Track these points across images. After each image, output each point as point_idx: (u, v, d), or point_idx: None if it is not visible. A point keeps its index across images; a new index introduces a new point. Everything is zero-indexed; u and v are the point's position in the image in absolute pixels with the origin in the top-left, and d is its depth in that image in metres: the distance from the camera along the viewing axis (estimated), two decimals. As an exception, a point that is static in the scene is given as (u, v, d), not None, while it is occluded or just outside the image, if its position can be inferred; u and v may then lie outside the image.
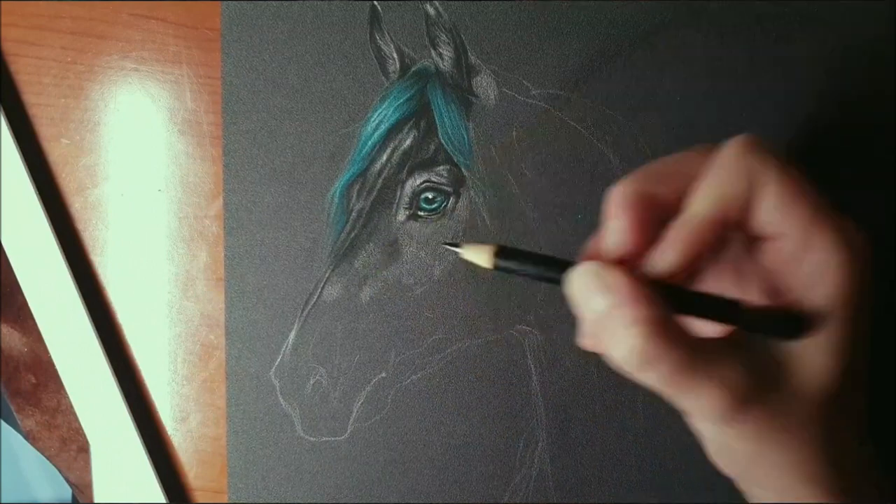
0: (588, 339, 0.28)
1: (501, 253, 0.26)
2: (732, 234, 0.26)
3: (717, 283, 0.28)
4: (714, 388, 0.23)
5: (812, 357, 0.24)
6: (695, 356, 0.23)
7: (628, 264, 0.25)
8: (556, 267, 0.25)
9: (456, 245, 0.27)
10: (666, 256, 0.25)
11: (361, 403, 0.37)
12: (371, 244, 0.36)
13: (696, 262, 0.25)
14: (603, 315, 0.24)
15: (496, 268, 0.26)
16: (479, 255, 0.26)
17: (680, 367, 0.23)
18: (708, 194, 0.25)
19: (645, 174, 0.26)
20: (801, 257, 0.25)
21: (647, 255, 0.25)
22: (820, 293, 0.24)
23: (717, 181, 0.25)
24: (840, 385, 0.24)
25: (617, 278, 0.24)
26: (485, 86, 0.35)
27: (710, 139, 0.35)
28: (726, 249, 0.28)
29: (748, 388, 0.24)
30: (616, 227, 0.25)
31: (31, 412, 0.39)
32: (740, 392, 0.23)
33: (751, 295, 0.27)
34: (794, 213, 0.24)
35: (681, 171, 0.26)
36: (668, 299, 0.24)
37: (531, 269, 0.26)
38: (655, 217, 0.25)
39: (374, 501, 0.38)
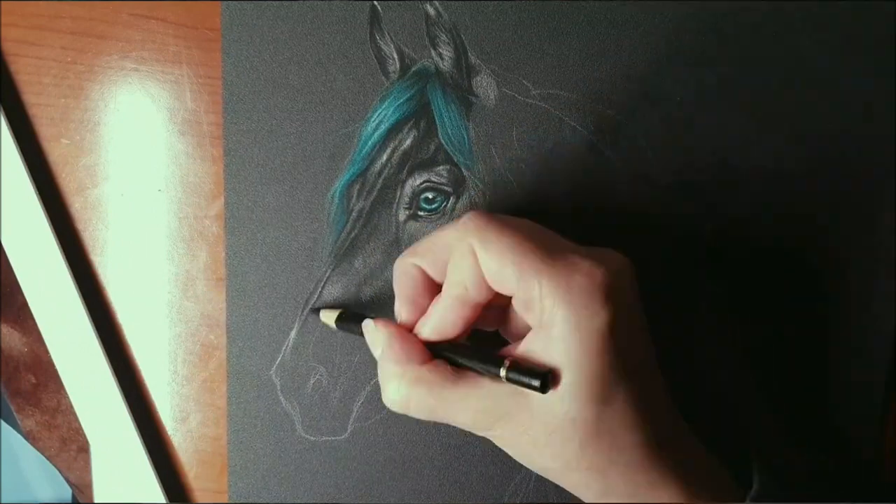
0: None
1: (340, 317, 0.34)
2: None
3: (511, 330, 0.32)
4: (459, 419, 0.29)
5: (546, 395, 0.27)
6: (438, 400, 0.29)
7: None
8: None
9: (317, 311, 0.36)
10: (425, 327, 0.30)
11: (362, 403, 0.37)
12: (371, 244, 0.36)
13: (464, 328, 0.30)
14: (378, 362, 0.31)
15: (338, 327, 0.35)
16: (329, 318, 0.35)
17: (426, 408, 0.29)
18: (447, 281, 0.29)
19: (413, 251, 0.31)
20: (528, 308, 0.28)
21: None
22: (553, 349, 0.27)
23: (452, 266, 0.29)
24: (585, 405, 0.27)
25: (384, 337, 0.30)
26: (485, 86, 0.35)
27: (711, 139, 0.36)
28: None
29: (486, 418, 0.28)
30: (398, 299, 0.31)
31: (31, 412, 0.39)
32: (479, 421, 0.29)
33: None
34: (506, 276, 0.28)
35: (440, 246, 0.30)
36: (441, 354, 0.30)
37: (356, 331, 0.33)
38: (429, 287, 0.31)
39: (374, 501, 0.38)
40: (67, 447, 0.39)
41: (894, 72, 0.35)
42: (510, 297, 0.29)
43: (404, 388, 0.29)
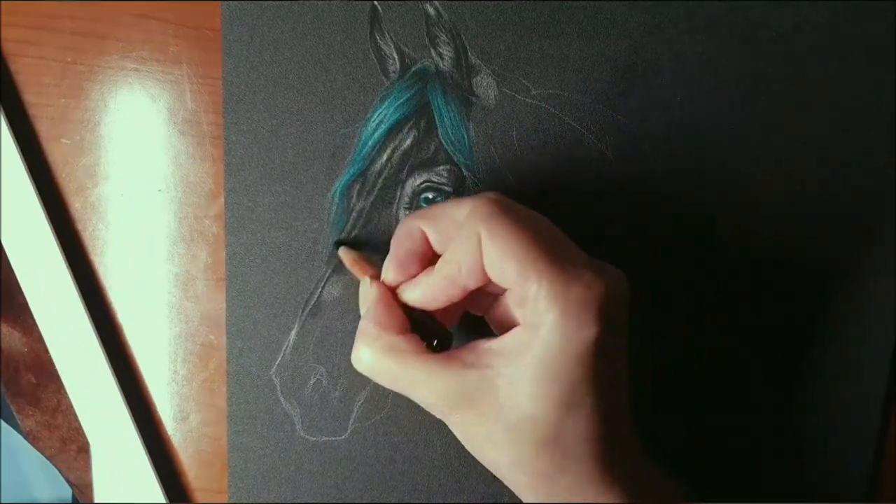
0: None
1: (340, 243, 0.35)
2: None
3: (497, 319, 0.32)
4: (421, 395, 0.29)
5: (513, 387, 0.27)
6: (404, 370, 0.29)
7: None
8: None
9: (339, 244, 0.36)
10: (411, 294, 0.30)
11: (362, 403, 0.37)
12: (371, 244, 0.36)
13: (445, 304, 0.30)
14: (361, 321, 0.30)
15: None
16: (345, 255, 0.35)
17: (391, 377, 0.29)
18: (444, 259, 0.29)
19: (422, 214, 0.31)
20: (520, 305, 0.28)
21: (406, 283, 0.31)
22: (535, 349, 0.27)
23: (453, 246, 0.29)
24: (553, 416, 0.27)
25: (373, 297, 0.30)
26: (485, 86, 0.35)
27: (711, 139, 0.36)
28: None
29: (447, 399, 0.28)
30: (390, 252, 0.31)
31: (31, 412, 0.39)
32: (440, 400, 0.28)
33: None
34: (505, 270, 0.27)
35: (450, 217, 0.30)
36: (413, 318, 0.30)
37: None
38: (424, 252, 0.31)
39: (374, 501, 0.38)
40: (67, 447, 0.39)
41: (894, 71, 0.35)
42: (502, 288, 0.29)
43: (375, 351, 0.29)
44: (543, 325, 0.27)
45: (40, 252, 0.36)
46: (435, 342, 0.29)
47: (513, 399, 0.27)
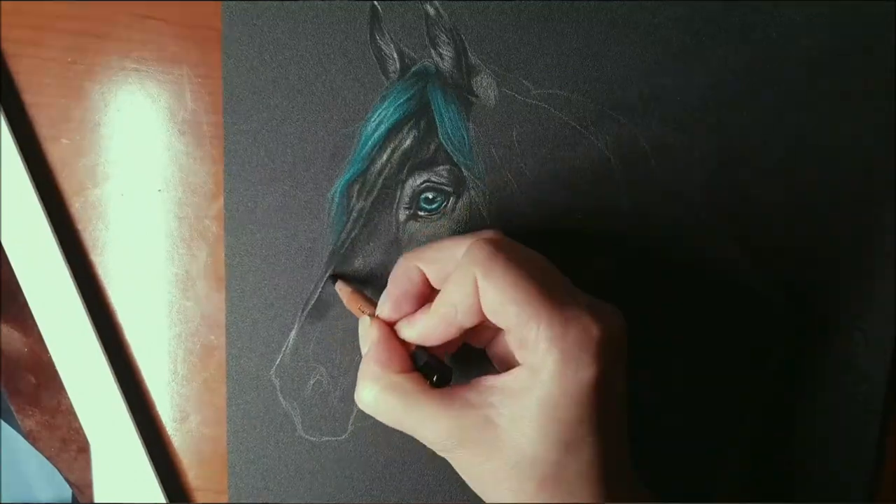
0: None
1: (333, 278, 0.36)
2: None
3: (497, 353, 0.33)
4: (423, 435, 0.29)
5: (515, 427, 0.28)
6: (406, 411, 0.29)
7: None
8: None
9: (335, 278, 0.36)
10: (409, 332, 0.31)
11: (361, 403, 0.37)
12: (371, 244, 0.36)
13: (442, 341, 0.30)
14: (362, 360, 0.31)
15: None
16: (342, 290, 0.35)
17: (394, 417, 0.30)
18: (439, 300, 0.30)
19: (420, 255, 0.31)
20: (521, 346, 0.28)
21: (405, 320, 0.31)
22: (537, 389, 0.27)
23: (449, 287, 0.29)
24: (554, 454, 0.27)
25: (374, 336, 0.31)
26: (485, 86, 0.35)
27: (711, 139, 0.35)
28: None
29: (449, 440, 0.29)
30: (386, 290, 0.31)
31: (31, 412, 0.39)
32: (442, 441, 0.29)
33: None
34: (505, 313, 0.28)
35: (448, 256, 0.30)
36: (413, 356, 0.30)
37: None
38: (421, 290, 0.31)
39: (374, 501, 0.38)
40: (67, 447, 0.39)
41: (894, 71, 0.35)
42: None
43: (378, 392, 0.30)
44: (544, 368, 0.27)
45: (40, 252, 0.36)
46: (435, 378, 0.30)
47: (514, 439, 0.28)
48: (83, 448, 0.38)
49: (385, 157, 0.36)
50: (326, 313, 0.37)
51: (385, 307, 0.31)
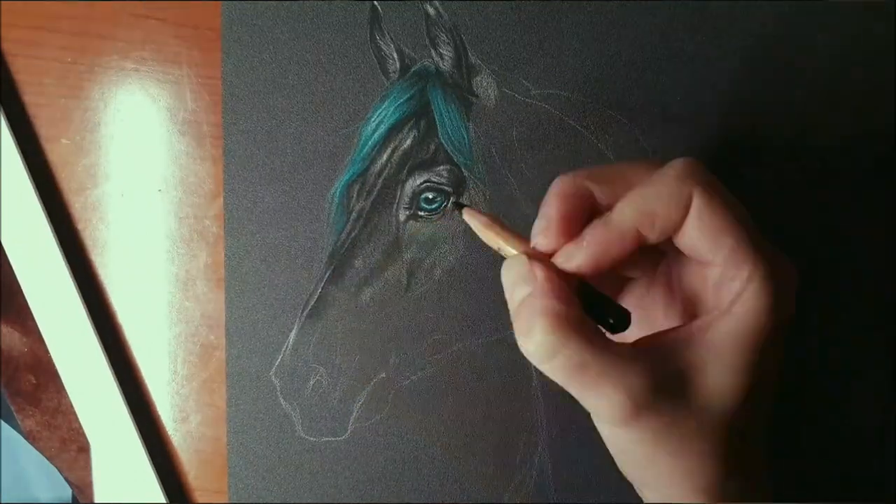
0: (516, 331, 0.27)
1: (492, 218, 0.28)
2: (664, 249, 0.27)
3: (646, 296, 0.29)
4: (612, 388, 0.24)
5: (716, 376, 0.25)
6: (595, 356, 0.24)
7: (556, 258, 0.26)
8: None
9: (461, 206, 0.29)
10: (575, 259, 0.25)
11: (361, 403, 0.37)
12: (371, 244, 0.36)
13: (610, 265, 0.25)
14: (520, 304, 0.25)
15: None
16: (472, 220, 0.28)
17: (579, 363, 0.24)
18: (631, 206, 0.25)
19: (588, 172, 0.27)
20: (720, 285, 0.25)
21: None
22: (730, 323, 0.25)
23: (645, 196, 0.25)
24: (740, 405, 0.25)
25: (538, 271, 0.25)
26: (485, 86, 0.35)
27: (711, 139, 0.35)
28: (661, 264, 0.29)
29: (645, 394, 0.24)
30: (545, 213, 0.26)
31: (31, 412, 0.39)
32: (637, 396, 0.24)
33: (674, 311, 0.29)
34: (719, 243, 0.25)
35: (624, 177, 0.26)
36: (579, 296, 0.25)
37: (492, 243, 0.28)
38: (586, 214, 0.26)
39: (374, 501, 0.38)
40: (67, 447, 0.39)
41: (895, 70, 0.35)
42: (663, 249, 0.27)
43: (562, 331, 0.24)
44: (757, 307, 0.24)
45: (40, 252, 0.36)
46: (611, 321, 0.25)
47: (718, 390, 0.24)
48: (83, 448, 0.38)
49: (385, 157, 0.36)
50: (326, 313, 0.37)
51: (549, 233, 0.26)
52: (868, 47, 0.35)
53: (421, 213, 0.36)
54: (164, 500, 0.38)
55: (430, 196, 0.36)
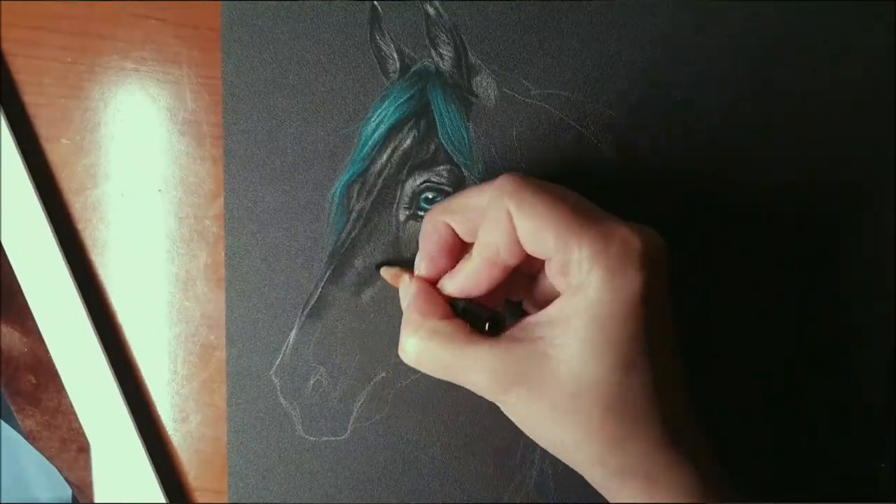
0: None
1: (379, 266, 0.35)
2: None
3: (537, 299, 0.32)
4: (476, 376, 0.28)
5: (572, 349, 0.27)
6: (455, 355, 0.28)
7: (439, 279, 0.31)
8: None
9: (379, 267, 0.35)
10: (453, 284, 0.30)
11: (361, 403, 0.37)
12: (371, 244, 0.36)
13: (489, 288, 0.30)
14: (403, 315, 0.30)
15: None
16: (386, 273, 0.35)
17: (444, 364, 0.29)
18: (481, 241, 0.29)
19: (443, 208, 0.31)
20: (566, 273, 0.27)
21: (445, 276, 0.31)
22: (574, 299, 0.27)
23: (486, 226, 0.29)
24: (614, 380, 0.27)
25: (413, 289, 0.31)
26: (485, 86, 0.35)
27: (711, 139, 0.35)
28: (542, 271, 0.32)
29: (507, 372, 0.28)
30: (420, 247, 0.31)
31: (31, 412, 0.39)
32: (499, 375, 0.28)
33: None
34: (542, 239, 0.27)
35: (467, 207, 0.30)
36: (459, 309, 0.30)
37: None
38: (454, 246, 0.31)
39: (374, 501, 0.38)
40: (67, 447, 0.39)
41: (894, 70, 0.35)
42: (539, 264, 0.29)
43: (420, 339, 0.29)
44: (590, 286, 0.26)
45: (40, 252, 0.36)
46: (487, 325, 0.29)
47: (570, 366, 0.27)
48: (83, 448, 0.38)
49: (385, 157, 0.36)
50: (326, 313, 0.37)
51: (421, 265, 0.31)
52: (868, 47, 0.35)
53: (421, 213, 0.36)
54: (164, 500, 0.38)
55: (430, 196, 0.36)
